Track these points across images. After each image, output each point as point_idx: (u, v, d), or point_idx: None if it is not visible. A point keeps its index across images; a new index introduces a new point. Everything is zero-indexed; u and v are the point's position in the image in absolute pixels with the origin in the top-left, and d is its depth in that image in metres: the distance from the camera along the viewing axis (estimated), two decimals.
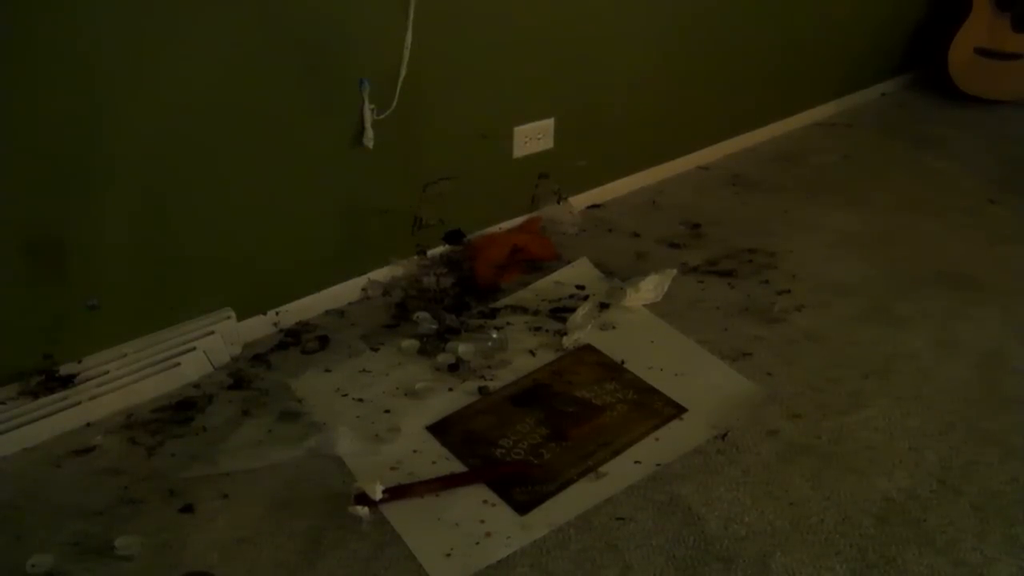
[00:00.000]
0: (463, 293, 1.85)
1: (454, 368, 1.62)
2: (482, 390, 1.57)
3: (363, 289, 1.86)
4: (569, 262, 1.99)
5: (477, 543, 1.25)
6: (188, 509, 1.30)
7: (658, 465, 1.40)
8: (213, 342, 1.60)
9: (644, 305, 1.83)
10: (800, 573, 1.21)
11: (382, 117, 1.67)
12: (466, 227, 2.00)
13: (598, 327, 1.75)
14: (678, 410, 1.53)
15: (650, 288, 1.83)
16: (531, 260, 1.97)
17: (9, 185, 1.30)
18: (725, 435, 1.47)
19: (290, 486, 1.35)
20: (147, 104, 1.38)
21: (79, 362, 1.49)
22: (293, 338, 1.72)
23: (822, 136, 2.81)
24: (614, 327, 1.76)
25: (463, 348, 1.65)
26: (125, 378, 1.50)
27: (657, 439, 1.46)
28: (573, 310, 1.76)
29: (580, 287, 1.90)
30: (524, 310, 1.81)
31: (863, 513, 1.31)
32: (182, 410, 1.52)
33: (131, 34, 1.32)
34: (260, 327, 1.72)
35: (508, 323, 1.76)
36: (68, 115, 1.31)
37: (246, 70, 1.47)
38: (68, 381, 1.46)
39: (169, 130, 1.42)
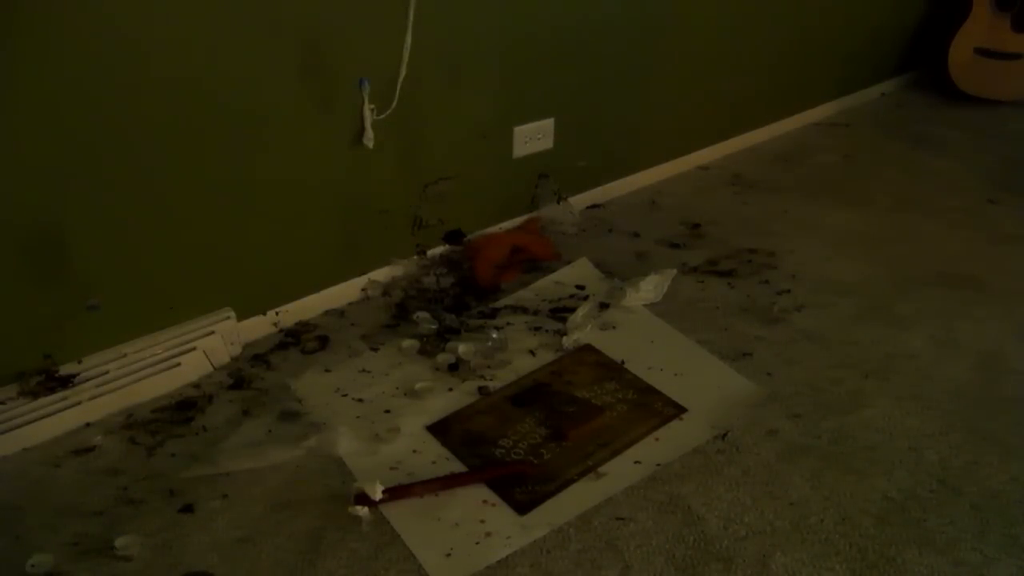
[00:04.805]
0: (463, 293, 1.85)
1: (454, 368, 1.62)
2: (482, 390, 1.57)
3: (363, 289, 1.86)
4: (569, 262, 1.99)
5: (477, 543, 1.25)
6: (188, 509, 1.30)
7: (658, 465, 1.40)
8: (213, 342, 1.60)
9: (644, 305, 1.83)
10: (800, 573, 1.21)
11: (382, 117, 1.67)
12: (466, 227, 2.00)
13: (598, 327, 1.75)
14: (678, 410, 1.53)
15: (650, 288, 1.83)
16: (531, 260, 1.97)
17: (9, 185, 1.30)
18: (725, 435, 1.47)
19: (290, 486, 1.35)
20: (146, 103, 1.38)
21: (79, 362, 1.49)
22: (293, 338, 1.72)
23: (822, 136, 2.81)
24: (614, 327, 1.76)
25: (463, 348, 1.65)
26: (125, 378, 1.50)
27: (657, 439, 1.46)
28: (573, 310, 1.76)
29: (580, 287, 1.90)
30: (524, 310, 1.81)
31: (863, 513, 1.31)
32: (182, 410, 1.52)
33: (130, 34, 1.32)
34: (260, 327, 1.72)
35: (508, 323, 1.76)
36: (67, 115, 1.31)
37: (246, 70, 1.47)
38: (68, 381, 1.46)
39: (168, 129, 1.42)
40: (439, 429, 1.48)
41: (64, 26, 1.25)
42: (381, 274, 1.88)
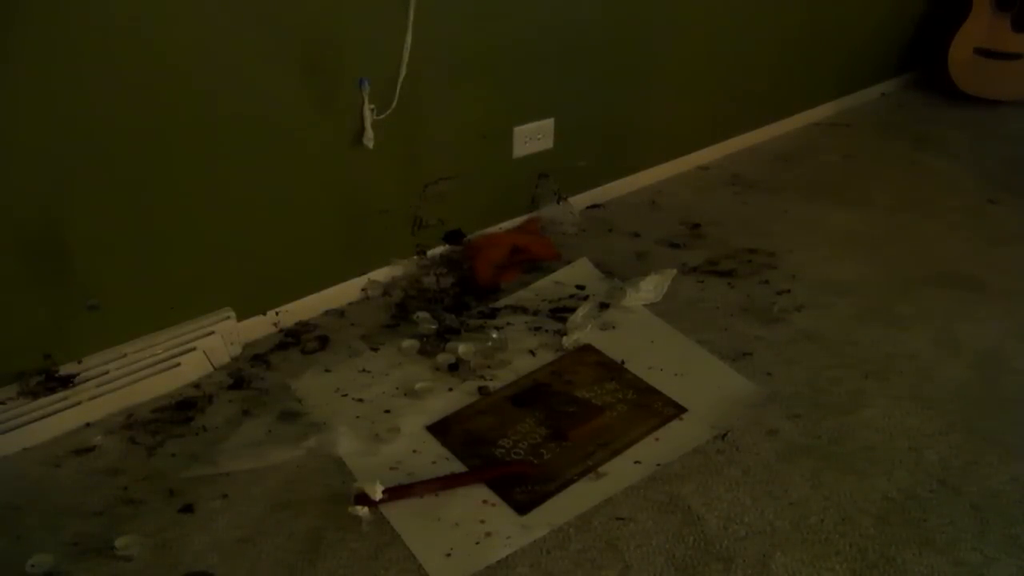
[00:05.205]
0: (463, 293, 1.85)
1: (454, 368, 1.62)
2: (482, 390, 1.57)
3: (363, 289, 1.86)
4: (569, 262, 1.99)
5: (477, 543, 1.25)
6: (188, 509, 1.30)
7: (658, 465, 1.40)
8: (213, 342, 1.60)
9: (644, 305, 1.83)
10: (800, 573, 1.21)
11: (382, 117, 1.67)
12: (466, 227, 2.00)
13: (598, 327, 1.75)
14: (678, 410, 1.53)
15: (650, 288, 1.83)
16: (531, 260, 1.97)
17: (10, 184, 1.30)
18: (725, 435, 1.47)
19: (290, 486, 1.35)
20: (147, 104, 1.38)
21: (79, 362, 1.49)
22: (293, 338, 1.72)
23: (822, 136, 2.81)
24: (614, 327, 1.76)
25: (463, 348, 1.65)
26: (125, 378, 1.50)
27: (657, 439, 1.46)
28: (573, 310, 1.76)
29: (580, 287, 1.90)
30: (524, 310, 1.81)
31: (863, 513, 1.31)
32: (182, 410, 1.52)
33: (129, 34, 1.32)
34: (260, 327, 1.72)
35: (508, 323, 1.76)
36: (67, 115, 1.31)
37: (246, 70, 1.47)
38: (68, 381, 1.46)
39: (169, 129, 1.42)
40: (439, 429, 1.48)
41: (63, 25, 1.25)
42: (381, 274, 1.88)
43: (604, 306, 1.82)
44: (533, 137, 2.04)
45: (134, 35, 1.32)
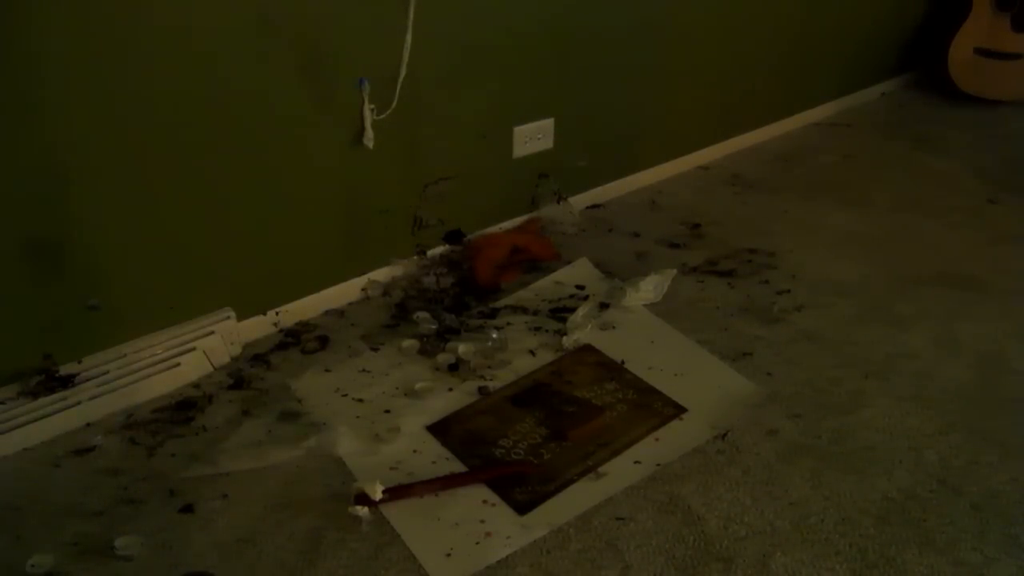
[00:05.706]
0: (463, 293, 1.85)
1: (454, 368, 1.62)
2: (482, 390, 1.57)
3: (363, 289, 1.86)
4: (569, 262, 1.99)
5: (477, 543, 1.25)
6: (188, 509, 1.30)
7: (658, 465, 1.40)
8: (213, 342, 1.60)
9: (644, 305, 1.83)
10: (800, 573, 1.21)
11: (382, 117, 1.67)
12: (466, 227, 2.00)
13: (598, 327, 1.75)
14: (678, 410, 1.53)
15: (650, 288, 1.84)
16: (531, 260, 1.97)
17: (9, 185, 1.30)
18: (725, 435, 1.47)
19: (290, 486, 1.35)
20: (147, 105, 1.38)
21: (79, 362, 1.49)
22: (293, 338, 1.72)
23: (822, 136, 2.81)
24: (614, 327, 1.76)
25: (463, 348, 1.65)
26: (125, 378, 1.50)
27: (657, 439, 1.46)
28: (573, 310, 1.76)
29: (580, 287, 1.90)
30: (524, 310, 1.81)
31: (863, 513, 1.31)
32: (182, 410, 1.52)
33: (128, 35, 1.32)
34: (260, 327, 1.72)
35: (508, 323, 1.76)
36: (67, 115, 1.31)
37: (245, 70, 1.47)
38: (68, 381, 1.46)
39: (169, 130, 1.42)
40: (439, 429, 1.48)
41: (62, 25, 1.25)
42: (381, 274, 1.88)
43: (604, 306, 1.82)
44: (533, 137, 2.04)
45: (133, 36, 1.32)
